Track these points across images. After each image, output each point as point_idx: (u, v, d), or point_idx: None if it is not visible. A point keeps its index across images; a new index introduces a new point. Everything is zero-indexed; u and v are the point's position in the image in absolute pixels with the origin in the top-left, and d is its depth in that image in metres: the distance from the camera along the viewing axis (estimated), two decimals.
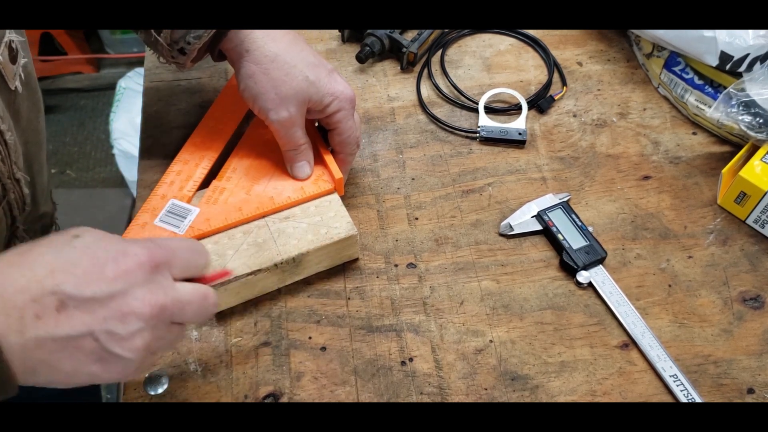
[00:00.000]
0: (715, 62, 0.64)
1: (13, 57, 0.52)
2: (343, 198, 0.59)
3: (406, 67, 0.75)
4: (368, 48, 0.74)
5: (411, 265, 0.60)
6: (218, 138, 0.62)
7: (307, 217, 0.56)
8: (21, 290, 0.35)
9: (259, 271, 0.53)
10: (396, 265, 0.60)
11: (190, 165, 0.60)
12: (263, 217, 0.57)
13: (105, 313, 0.36)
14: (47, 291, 0.35)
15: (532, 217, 0.62)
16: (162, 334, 0.39)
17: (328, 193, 0.58)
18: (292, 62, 0.53)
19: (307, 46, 0.56)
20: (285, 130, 0.55)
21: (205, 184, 0.59)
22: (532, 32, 0.79)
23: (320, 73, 0.54)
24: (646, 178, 0.66)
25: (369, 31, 0.75)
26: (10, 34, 0.51)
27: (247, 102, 0.55)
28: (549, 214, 0.62)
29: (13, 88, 0.52)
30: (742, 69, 0.64)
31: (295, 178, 0.59)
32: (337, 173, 0.58)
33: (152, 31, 0.53)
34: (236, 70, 0.55)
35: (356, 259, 0.59)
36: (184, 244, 0.43)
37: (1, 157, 0.49)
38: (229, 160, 0.61)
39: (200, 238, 0.55)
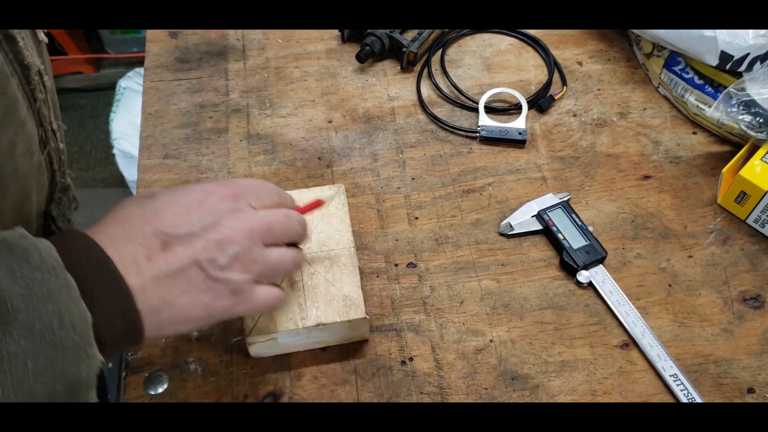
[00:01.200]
0: (715, 62, 0.64)
1: None
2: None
3: (406, 66, 0.75)
4: (368, 48, 0.74)
5: (411, 265, 0.60)
6: None
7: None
8: (128, 239, 0.39)
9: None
10: (396, 265, 0.60)
11: None
12: None
13: (203, 243, 0.40)
14: (149, 234, 0.39)
15: (532, 216, 0.62)
16: (258, 257, 0.42)
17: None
18: None
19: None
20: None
21: None
22: (532, 32, 0.79)
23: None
24: (647, 177, 0.66)
25: (369, 30, 0.75)
26: None
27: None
28: (549, 213, 0.62)
29: (40, 40, 0.50)
30: (742, 69, 0.64)
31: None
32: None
33: None
34: None
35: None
36: (253, 180, 0.46)
37: (42, 98, 0.47)
38: None
39: None
